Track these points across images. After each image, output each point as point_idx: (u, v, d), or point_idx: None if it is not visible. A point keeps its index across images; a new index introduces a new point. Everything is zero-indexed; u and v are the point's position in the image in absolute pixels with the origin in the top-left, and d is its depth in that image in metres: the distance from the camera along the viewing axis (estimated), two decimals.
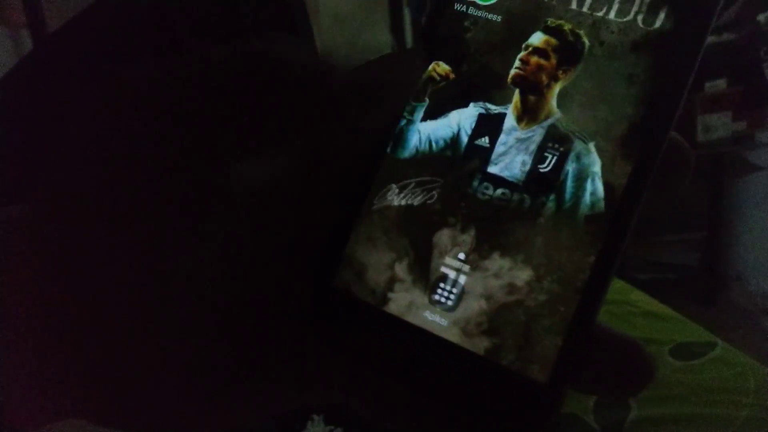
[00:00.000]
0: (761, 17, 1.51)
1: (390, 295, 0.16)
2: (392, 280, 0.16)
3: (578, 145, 0.16)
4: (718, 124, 1.55)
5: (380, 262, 0.16)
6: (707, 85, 1.53)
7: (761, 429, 0.54)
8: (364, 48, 1.82)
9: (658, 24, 0.16)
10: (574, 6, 0.16)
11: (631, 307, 0.78)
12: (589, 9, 0.16)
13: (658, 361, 0.66)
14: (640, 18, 0.16)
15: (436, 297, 0.16)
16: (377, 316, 0.16)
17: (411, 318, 0.16)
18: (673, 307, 0.81)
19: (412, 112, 0.17)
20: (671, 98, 0.16)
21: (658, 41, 0.16)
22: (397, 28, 1.60)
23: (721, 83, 1.54)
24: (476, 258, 0.16)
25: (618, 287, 0.85)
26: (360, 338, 0.16)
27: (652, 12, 0.16)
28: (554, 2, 0.17)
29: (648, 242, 1.83)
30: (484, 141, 0.17)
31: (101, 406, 0.16)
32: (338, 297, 0.16)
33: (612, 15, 0.16)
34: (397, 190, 0.16)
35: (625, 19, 0.16)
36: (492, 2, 0.17)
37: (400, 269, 0.16)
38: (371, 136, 0.17)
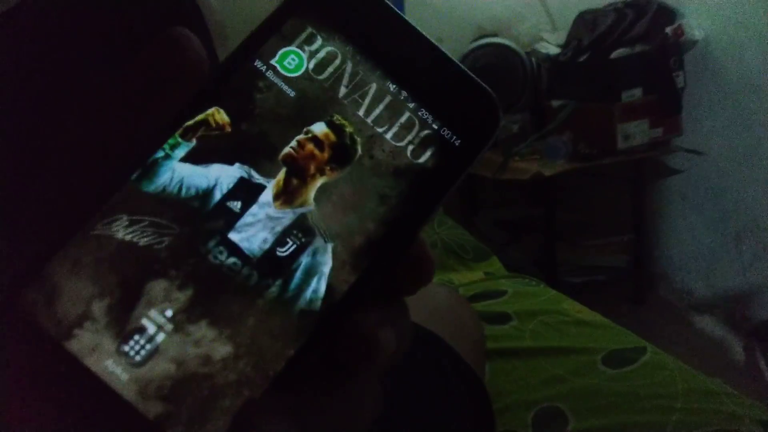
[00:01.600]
0: (669, 29, 1.60)
1: (76, 331, 0.14)
2: (84, 316, 0.14)
3: (318, 242, 0.16)
4: (637, 132, 1.62)
5: (78, 292, 0.14)
6: (624, 94, 1.60)
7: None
8: None
9: (422, 159, 0.17)
10: (361, 113, 0.17)
11: (563, 316, 0.79)
12: (372, 121, 0.17)
13: (592, 370, 0.66)
14: (410, 148, 0.17)
15: (126, 348, 0.14)
16: (54, 350, 0.14)
17: (90, 362, 0.14)
18: (604, 308, 0.83)
19: (173, 148, 0.15)
20: (407, 229, 0.16)
21: (417, 175, 0.17)
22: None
23: (637, 92, 1.61)
24: (183, 320, 0.15)
25: (550, 297, 0.87)
26: (32, 367, 0.14)
27: (421, 147, 0.17)
28: (346, 102, 0.17)
29: (579, 247, 1.89)
30: (236, 206, 0.16)
31: None
32: (19, 316, 0.14)
33: (389, 135, 0.17)
34: (126, 222, 0.15)
35: (397, 144, 0.17)
36: (294, 75, 0.16)
37: (97, 307, 0.14)
38: (119, 152, 0.15)
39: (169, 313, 0.15)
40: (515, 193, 1.94)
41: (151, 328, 0.15)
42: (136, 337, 0.15)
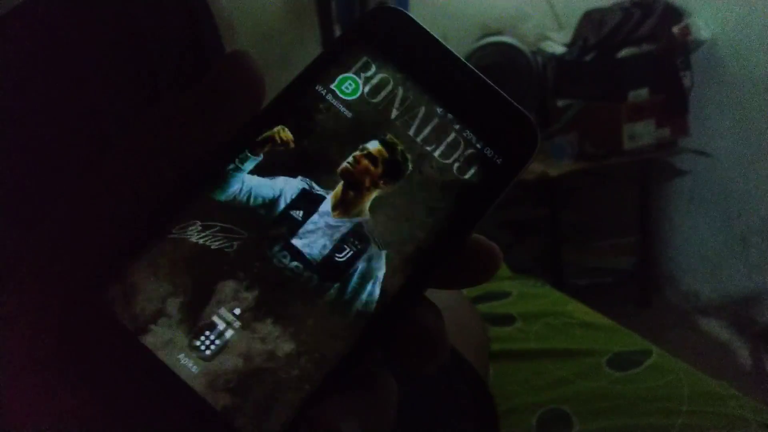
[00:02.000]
0: (676, 29, 1.59)
1: (152, 326, 0.16)
2: (159, 313, 0.16)
3: (373, 249, 0.18)
4: (643, 132, 1.61)
5: (155, 290, 0.16)
6: (631, 94, 1.59)
7: None
8: (296, 64, 1.80)
9: (467, 175, 0.19)
10: (411, 133, 0.18)
11: (568, 318, 0.79)
12: (421, 141, 0.19)
13: (597, 372, 0.66)
14: (456, 165, 0.19)
15: (197, 343, 0.16)
16: (131, 343, 0.15)
17: (163, 355, 0.16)
18: (610, 311, 0.83)
19: (243, 161, 0.17)
20: (454, 239, 0.18)
21: (462, 189, 0.18)
22: (327, 43, 1.60)
23: (643, 92, 1.60)
24: (250, 318, 0.16)
25: (555, 298, 0.86)
26: (111, 358, 0.15)
27: (466, 164, 0.19)
28: (398, 123, 0.18)
29: (584, 249, 1.88)
30: (298, 214, 0.17)
31: None
32: (99, 311, 0.16)
33: (437, 153, 0.19)
34: (199, 228, 0.16)
35: (444, 162, 0.19)
36: (351, 98, 0.18)
37: (172, 305, 0.16)
38: (193, 164, 0.17)
39: (237, 311, 0.16)
40: (520, 193, 1.94)
41: (221, 325, 0.16)
42: (207, 332, 0.16)
